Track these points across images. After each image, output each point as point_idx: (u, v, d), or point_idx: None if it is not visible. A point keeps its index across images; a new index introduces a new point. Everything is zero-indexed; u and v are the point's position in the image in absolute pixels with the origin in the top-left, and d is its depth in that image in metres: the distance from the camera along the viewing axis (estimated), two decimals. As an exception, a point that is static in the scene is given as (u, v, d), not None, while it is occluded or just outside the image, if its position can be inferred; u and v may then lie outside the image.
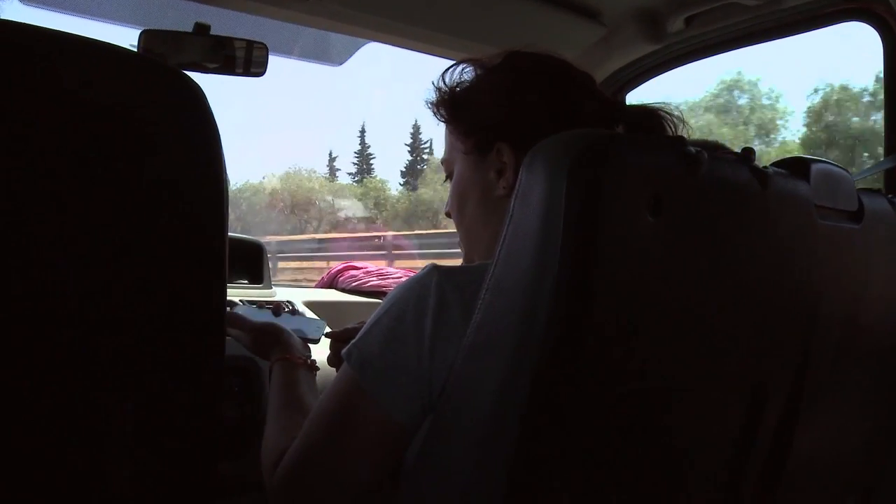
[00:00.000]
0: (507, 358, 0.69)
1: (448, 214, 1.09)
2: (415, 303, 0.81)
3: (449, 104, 1.03)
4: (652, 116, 0.95)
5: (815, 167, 0.85)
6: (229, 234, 0.64)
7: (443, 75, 1.04)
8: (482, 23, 1.70)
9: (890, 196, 0.99)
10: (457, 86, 1.03)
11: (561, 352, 0.65)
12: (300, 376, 1.09)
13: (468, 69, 1.04)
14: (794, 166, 0.85)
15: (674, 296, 0.71)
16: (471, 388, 0.74)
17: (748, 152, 0.79)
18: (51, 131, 0.52)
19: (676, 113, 0.96)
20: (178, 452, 0.62)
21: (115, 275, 0.56)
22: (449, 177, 1.06)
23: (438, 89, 1.04)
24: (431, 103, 1.05)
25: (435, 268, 0.83)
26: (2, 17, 0.52)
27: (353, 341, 0.85)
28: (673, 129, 0.95)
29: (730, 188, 0.75)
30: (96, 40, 0.55)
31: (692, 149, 0.71)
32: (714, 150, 0.77)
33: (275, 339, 1.21)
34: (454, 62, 1.05)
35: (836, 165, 0.90)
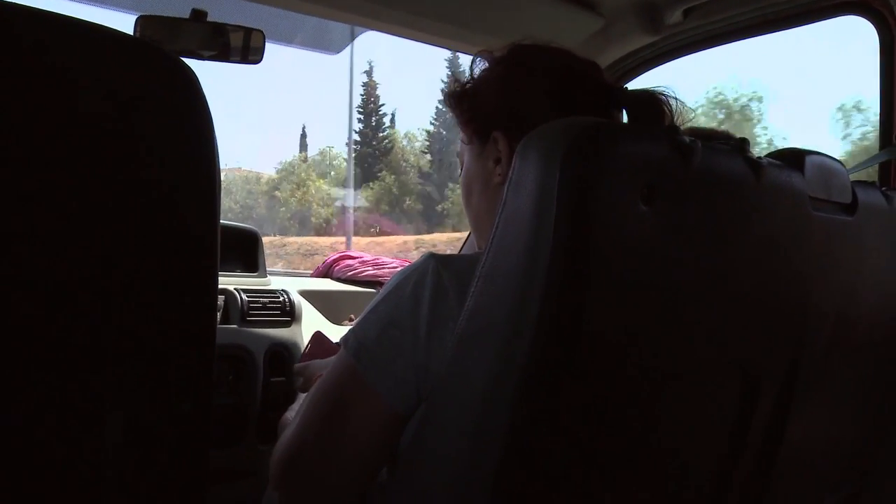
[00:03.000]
0: (498, 346, 0.69)
1: None
2: (412, 290, 0.81)
3: (457, 96, 1.04)
4: (652, 101, 0.95)
5: (809, 159, 0.85)
6: (222, 221, 0.63)
7: (470, 68, 1.06)
8: (480, 13, 1.70)
9: (884, 189, 0.99)
10: (468, 81, 1.04)
11: (552, 340, 0.65)
12: None
13: (483, 63, 1.05)
14: (789, 158, 0.84)
15: (666, 284, 0.71)
16: (462, 375, 0.74)
17: (743, 142, 0.79)
18: (37, 115, 0.52)
19: (674, 96, 0.96)
20: (170, 441, 0.62)
21: (102, 264, 0.56)
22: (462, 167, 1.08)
23: (455, 80, 1.06)
24: (446, 95, 1.06)
25: (432, 255, 0.83)
26: None
27: (350, 328, 0.86)
28: (671, 113, 0.96)
29: (724, 178, 0.75)
30: (87, 22, 0.54)
31: (686, 138, 0.71)
32: (711, 138, 0.76)
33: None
34: (475, 54, 1.06)
35: (831, 157, 0.90)
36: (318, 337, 1.41)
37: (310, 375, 1.26)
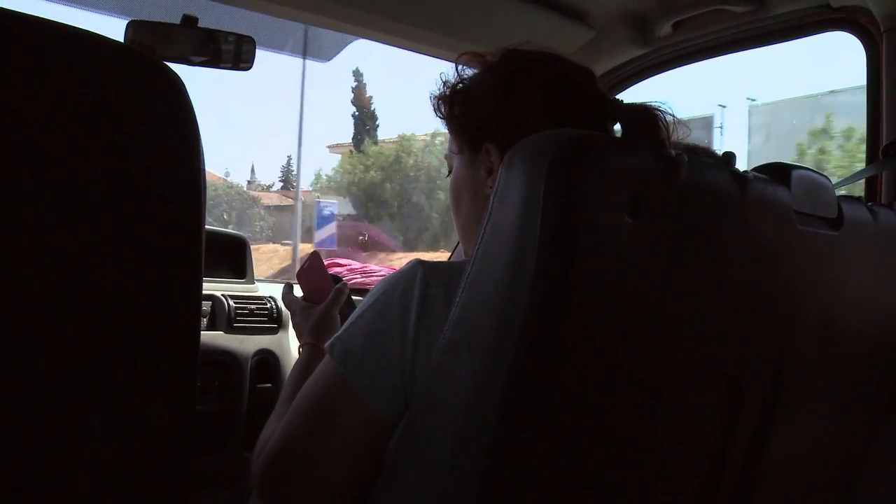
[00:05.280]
0: (483, 355, 0.69)
1: None
2: (399, 297, 0.81)
3: (446, 101, 1.04)
4: (647, 116, 0.94)
5: (795, 173, 0.86)
6: (211, 227, 0.63)
7: (455, 68, 1.04)
8: (471, 23, 1.71)
9: (870, 204, 0.99)
10: (458, 83, 1.03)
11: (536, 350, 0.65)
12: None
13: (473, 66, 1.04)
14: (775, 172, 0.85)
15: (652, 296, 0.71)
16: (447, 384, 0.74)
17: (729, 156, 0.79)
18: (22, 118, 0.52)
19: (670, 112, 0.96)
20: (153, 448, 0.62)
21: (86, 268, 0.55)
22: (450, 172, 1.07)
23: (444, 83, 1.04)
24: (434, 98, 1.05)
25: (419, 263, 0.83)
26: None
27: (336, 334, 0.85)
28: (666, 129, 0.95)
29: (710, 192, 0.75)
30: (74, 27, 0.54)
31: (672, 152, 0.71)
32: (695, 153, 0.77)
33: (310, 320, 1.20)
34: (459, 55, 1.05)
35: (817, 172, 0.91)
36: (317, 259, 1.33)
37: (296, 324, 1.25)
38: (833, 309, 0.94)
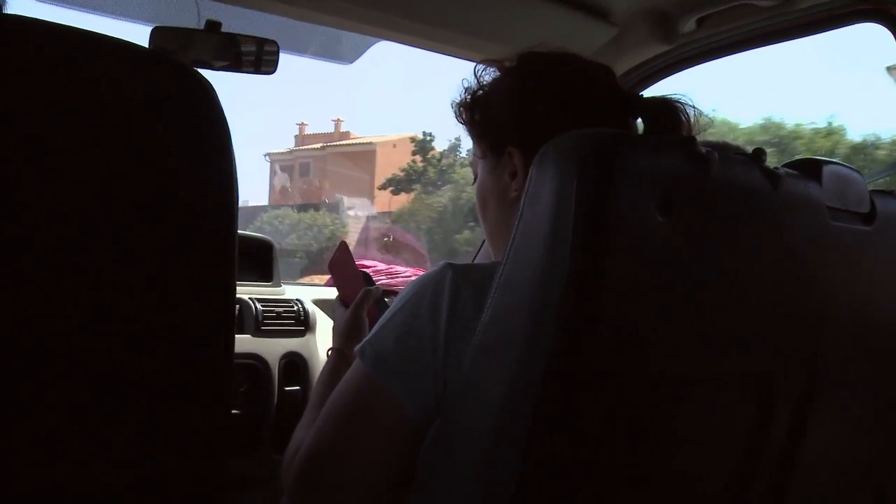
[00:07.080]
0: (516, 357, 0.69)
1: None
2: (430, 299, 0.81)
3: (467, 107, 1.04)
4: (669, 109, 0.94)
5: (826, 168, 0.85)
6: (238, 231, 0.64)
7: (474, 75, 1.05)
8: (493, 22, 1.70)
9: None
10: (478, 89, 1.03)
11: (571, 350, 0.65)
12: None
13: (491, 71, 1.04)
14: (806, 167, 0.84)
15: (684, 295, 0.71)
16: (480, 385, 0.74)
17: (759, 153, 0.78)
18: (60, 125, 0.53)
19: (691, 104, 0.95)
20: (186, 450, 0.62)
21: (122, 272, 0.56)
22: (476, 179, 1.07)
23: (465, 89, 1.05)
24: (455, 105, 1.06)
25: (449, 265, 0.83)
26: (16, 14, 0.52)
27: (366, 338, 0.85)
28: (688, 122, 0.95)
29: (741, 188, 0.75)
30: (108, 36, 0.55)
31: (703, 149, 0.70)
32: (724, 150, 0.76)
33: (337, 323, 1.22)
34: (478, 62, 1.05)
35: (848, 167, 0.90)
36: (344, 250, 1.34)
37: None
38: (866, 305, 0.93)
